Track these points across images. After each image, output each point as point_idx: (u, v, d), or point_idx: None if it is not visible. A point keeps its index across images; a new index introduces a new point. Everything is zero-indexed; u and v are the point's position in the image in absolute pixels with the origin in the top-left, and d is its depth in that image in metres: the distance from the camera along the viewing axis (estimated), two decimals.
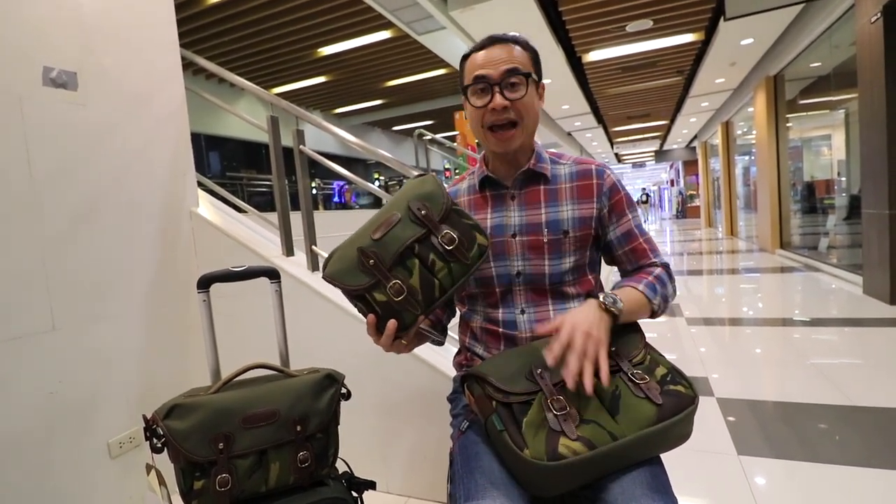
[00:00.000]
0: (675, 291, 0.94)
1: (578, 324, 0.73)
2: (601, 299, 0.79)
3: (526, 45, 0.89)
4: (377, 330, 0.79)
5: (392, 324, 0.76)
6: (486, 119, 0.87)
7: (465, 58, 0.90)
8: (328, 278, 0.79)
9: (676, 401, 0.75)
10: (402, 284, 0.76)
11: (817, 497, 1.48)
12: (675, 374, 0.80)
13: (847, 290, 4.32)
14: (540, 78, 0.90)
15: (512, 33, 0.90)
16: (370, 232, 0.79)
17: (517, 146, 0.89)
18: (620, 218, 0.93)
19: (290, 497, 0.86)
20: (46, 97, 1.35)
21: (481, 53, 0.87)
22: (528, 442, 0.70)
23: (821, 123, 6.05)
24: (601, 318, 0.76)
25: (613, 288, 0.88)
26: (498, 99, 0.84)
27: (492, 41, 0.87)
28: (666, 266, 0.94)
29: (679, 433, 0.76)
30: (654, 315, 0.89)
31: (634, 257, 0.94)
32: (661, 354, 0.84)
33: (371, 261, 0.77)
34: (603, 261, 1.01)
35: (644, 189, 20.37)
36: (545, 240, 0.90)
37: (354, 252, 0.78)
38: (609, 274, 3.89)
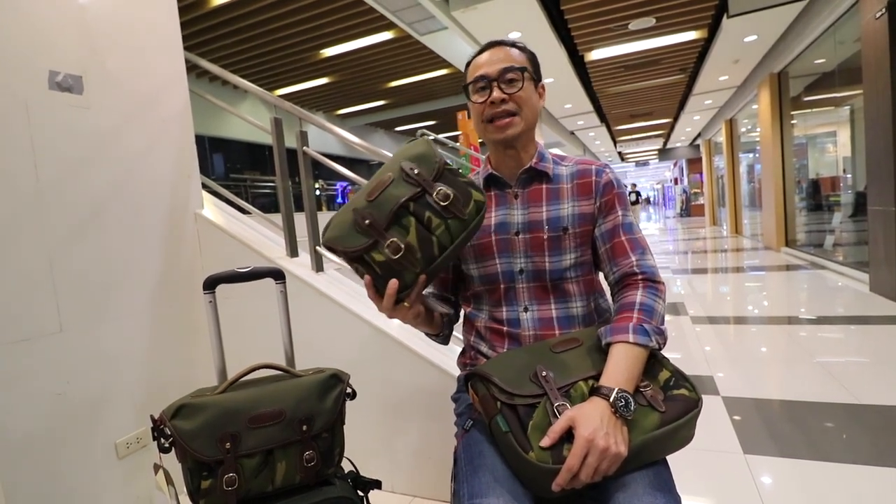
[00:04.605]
0: (664, 301, 0.87)
1: (595, 442, 0.67)
2: (611, 401, 0.71)
3: (524, 49, 0.95)
4: (377, 292, 0.79)
5: (393, 283, 0.77)
6: (485, 113, 0.91)
7: (468, 64, 0.96)
8: (327, 244, 0.79)
9: (680, 405, 0.76)
10: (398, 242, 0.77)
11: (824, 496, 1.47)
12: (678, 377, 0.80)
13: (853, 288, 4.29)
14: (539, 78, 0.95)
15: (511, 37, 0.93)
16: (365, 195, 0.81)
17: (516, 133, 0.91)
18: (608, 215, 0.93)
19: (296, 496, 0.87)
20: (52, 101, 1.36)
21: (482, 56, 0.93)
22: (533, 445, 0.70)
23: (826, 120, 6.02)
24: (615, 425, 0.70)
25: (602, 339, 0.81)
26: (495, 92, 0.89)
27: (491, 45, 0.94)
28: (648, 278, 0.88)
29: (682, 436, 0.76)
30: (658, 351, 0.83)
31: (613, 255, 0.91)
32: (664, 356, 0.84)
33: (366, 221, 0.77)
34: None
35: (633, 185, 16.51)
36: (545, 236, 0.91)
37: (350, 215, 0.79)
38: None
